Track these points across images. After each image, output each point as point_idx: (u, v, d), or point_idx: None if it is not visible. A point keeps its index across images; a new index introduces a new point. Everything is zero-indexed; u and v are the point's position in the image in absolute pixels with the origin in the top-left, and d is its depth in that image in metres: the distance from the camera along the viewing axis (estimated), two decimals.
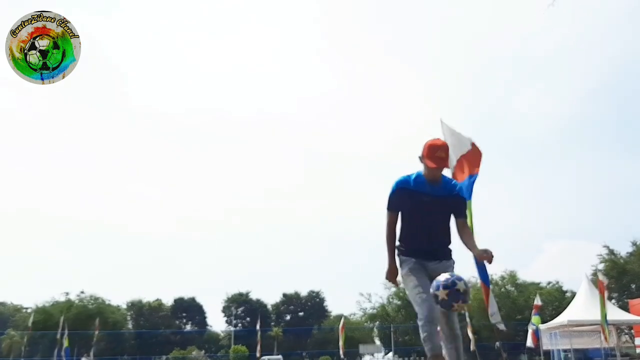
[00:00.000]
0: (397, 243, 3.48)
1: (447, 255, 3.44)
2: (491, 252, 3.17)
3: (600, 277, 16.62)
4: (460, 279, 3.01)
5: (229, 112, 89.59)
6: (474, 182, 5.56)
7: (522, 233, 73.69)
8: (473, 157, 5.68)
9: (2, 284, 74.10)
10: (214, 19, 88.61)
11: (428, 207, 3.33)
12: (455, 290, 2.94)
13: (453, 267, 3.41)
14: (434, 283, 3.03)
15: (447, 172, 3.58)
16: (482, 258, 3.22)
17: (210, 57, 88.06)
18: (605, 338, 15.98)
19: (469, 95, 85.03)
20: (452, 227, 3.46)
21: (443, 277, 3.02)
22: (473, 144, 5.73)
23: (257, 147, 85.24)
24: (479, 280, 5.79)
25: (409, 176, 3.43)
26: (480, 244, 3.57)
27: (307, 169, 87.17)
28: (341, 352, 25.66)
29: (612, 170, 74.61)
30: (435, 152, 3.30)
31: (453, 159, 5.76)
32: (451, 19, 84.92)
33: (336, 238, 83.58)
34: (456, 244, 3.52)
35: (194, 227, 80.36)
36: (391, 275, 3.48)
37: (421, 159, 3.39)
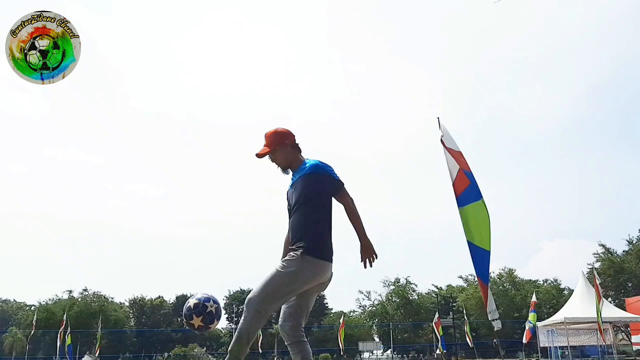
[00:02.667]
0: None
1: (290, 249, 2.89)
2: (372, 255, 2.94)
3: (595, 276, 16.80)
4: (208, 299, 3.01)
5: (229, 111, 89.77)
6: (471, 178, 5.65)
7: (520, 232, 73.77)
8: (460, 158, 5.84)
9: (5, 282, 74.43)
10: (214, 19, 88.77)
11: (290, 199, 3.06)
12: (208, 313, 2.99)
13: (289, 262, 2.81)
14: (185, 311, 3.01)
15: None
16: (362, 255, 2.96)
17: (211, 57, 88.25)
18: (602, 337, 16.08)
19: (469, 95, 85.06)
20: (310, 213, 2.94)
21: (192, 302, 3.01)
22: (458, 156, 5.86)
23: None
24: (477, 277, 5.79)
25: None
26: None
27: None
28: (341, 347, 25.83)
29: (609, 169, 74.62)
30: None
31: (454, 162, 5.88)
32: (452, 19, 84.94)
33: (336, 236, 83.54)
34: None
35: (196, 225, 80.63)
36: None
37: None
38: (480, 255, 5.54)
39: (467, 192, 5.71)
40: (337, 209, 3.18)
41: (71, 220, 76.70)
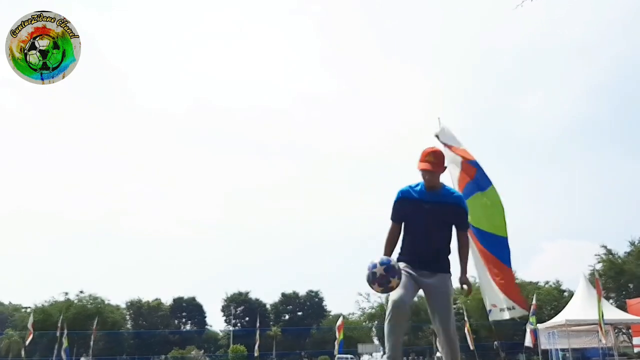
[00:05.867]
0: (399, 251, 3.48)
1: (443, 267, 3.42)
2: (470, 289, 3.44)
3: (597, 277, 16.74)
4: (374, 265, 3.17)
5: (230, 110, 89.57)
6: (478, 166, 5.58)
7: (522, 233, 73.79)
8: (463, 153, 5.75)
9: (1, 284, 74.08)
10: (213, 18, 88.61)
11: (429, 214, 3.35)
12: (391, 266, 3.14)
13: (450, 282, 3.41)
14: (370, 263, 3.19)
15: (447, 177, 3.54)
16: (462, 286, 3.43)
17: (209, 57, 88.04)
18: (604, 337, 15.99)
19: (469, 95, 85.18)
20: (452, 238, 3.48)
21: (379, 257, 3.23)
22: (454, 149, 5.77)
23: (257, 146, 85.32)
24: (483, 274, 5.58)
25: (410, 186, 3.48)
26: None
27: (307, 168, 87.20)
28: (335, 349, 25.71)
29: (611, 170, 74.91)
30: (426, 157, 3.37)
31: (457, 159, 5.79)
32: (451, 19, 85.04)
33: (336, 237, 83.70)
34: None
35: (194, 226, 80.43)
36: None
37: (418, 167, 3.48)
38: (498, 242, 5.39)
39: (473, 181, 5.64)
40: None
41: (68, 221, 76.55)
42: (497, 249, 5.37)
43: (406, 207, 3.43)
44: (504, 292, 5.49)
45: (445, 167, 3.44)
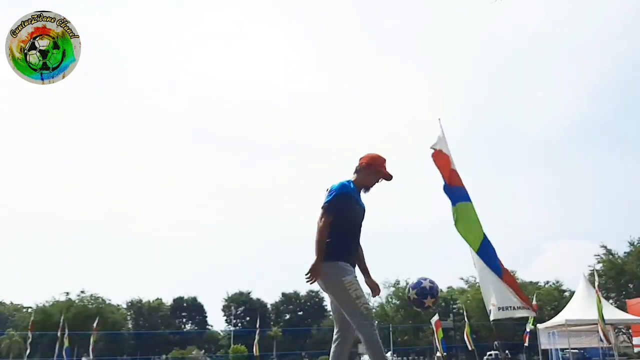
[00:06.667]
0: (327, 245, 3.28)
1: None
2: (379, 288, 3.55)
3: (596, 279, 16.79)
4: (424, 278, 3.52)
5: (229, 109, 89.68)
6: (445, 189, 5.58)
7: (522, 233, 73.82)
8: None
9: (2, 284, 74.13)
10: (213, 18, 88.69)
11: (358, 216, 3.45)
12: (422, 288, 3.46)
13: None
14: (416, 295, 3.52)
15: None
16: (374, 288, 3.58)
17: (209, 57, 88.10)
18: (605, 337, 16.00)
19: (469, 95, 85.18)
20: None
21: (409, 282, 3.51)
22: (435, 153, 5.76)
23: (258, 145, 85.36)
24: (484, 273, 5.58)
25: (348, 182, 3.45)
26: None
27: (308, 167, 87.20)
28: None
29: (611, 170, 74.86)
30: (385, 163, 3.48)
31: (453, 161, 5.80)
32: (451, 19, 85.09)
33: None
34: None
35: (194, 226, 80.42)
36: (317, 272, 3.24)
37: (366, 167, 3.45)
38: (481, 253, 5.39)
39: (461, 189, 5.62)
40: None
41: (68, 221, 76.60)
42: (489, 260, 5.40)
43: (346, 204, 3.45)
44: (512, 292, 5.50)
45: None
